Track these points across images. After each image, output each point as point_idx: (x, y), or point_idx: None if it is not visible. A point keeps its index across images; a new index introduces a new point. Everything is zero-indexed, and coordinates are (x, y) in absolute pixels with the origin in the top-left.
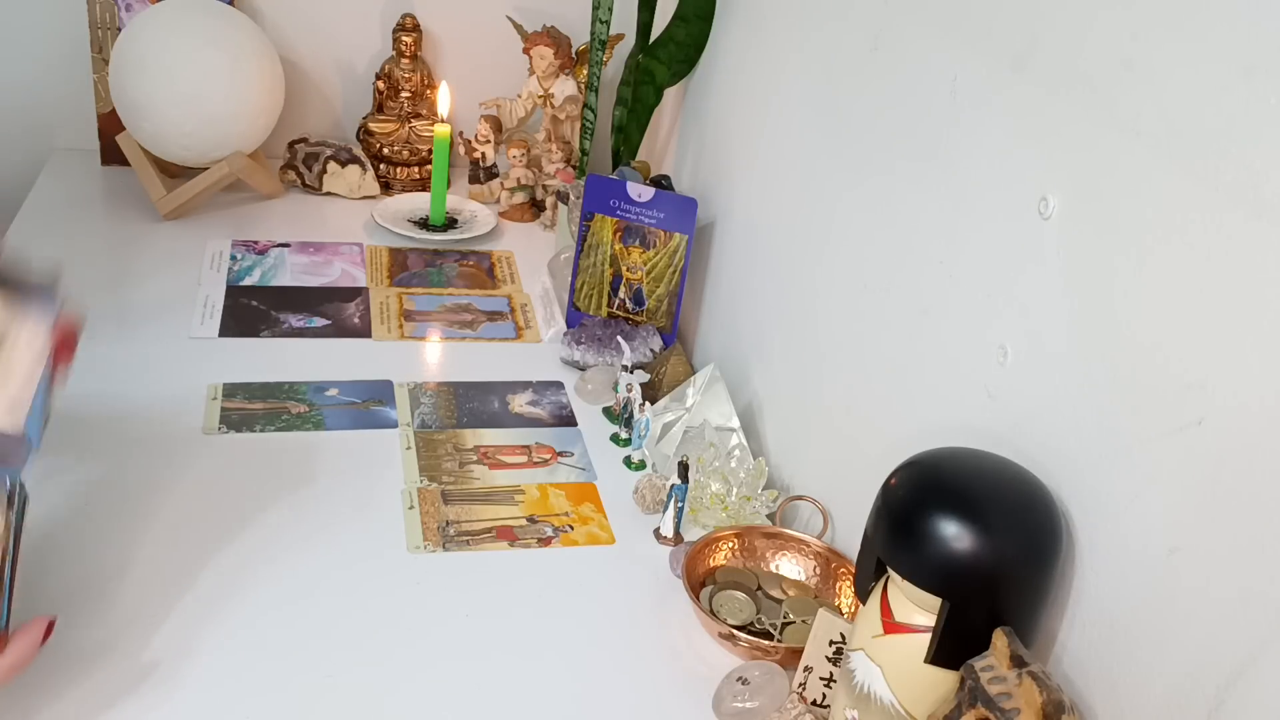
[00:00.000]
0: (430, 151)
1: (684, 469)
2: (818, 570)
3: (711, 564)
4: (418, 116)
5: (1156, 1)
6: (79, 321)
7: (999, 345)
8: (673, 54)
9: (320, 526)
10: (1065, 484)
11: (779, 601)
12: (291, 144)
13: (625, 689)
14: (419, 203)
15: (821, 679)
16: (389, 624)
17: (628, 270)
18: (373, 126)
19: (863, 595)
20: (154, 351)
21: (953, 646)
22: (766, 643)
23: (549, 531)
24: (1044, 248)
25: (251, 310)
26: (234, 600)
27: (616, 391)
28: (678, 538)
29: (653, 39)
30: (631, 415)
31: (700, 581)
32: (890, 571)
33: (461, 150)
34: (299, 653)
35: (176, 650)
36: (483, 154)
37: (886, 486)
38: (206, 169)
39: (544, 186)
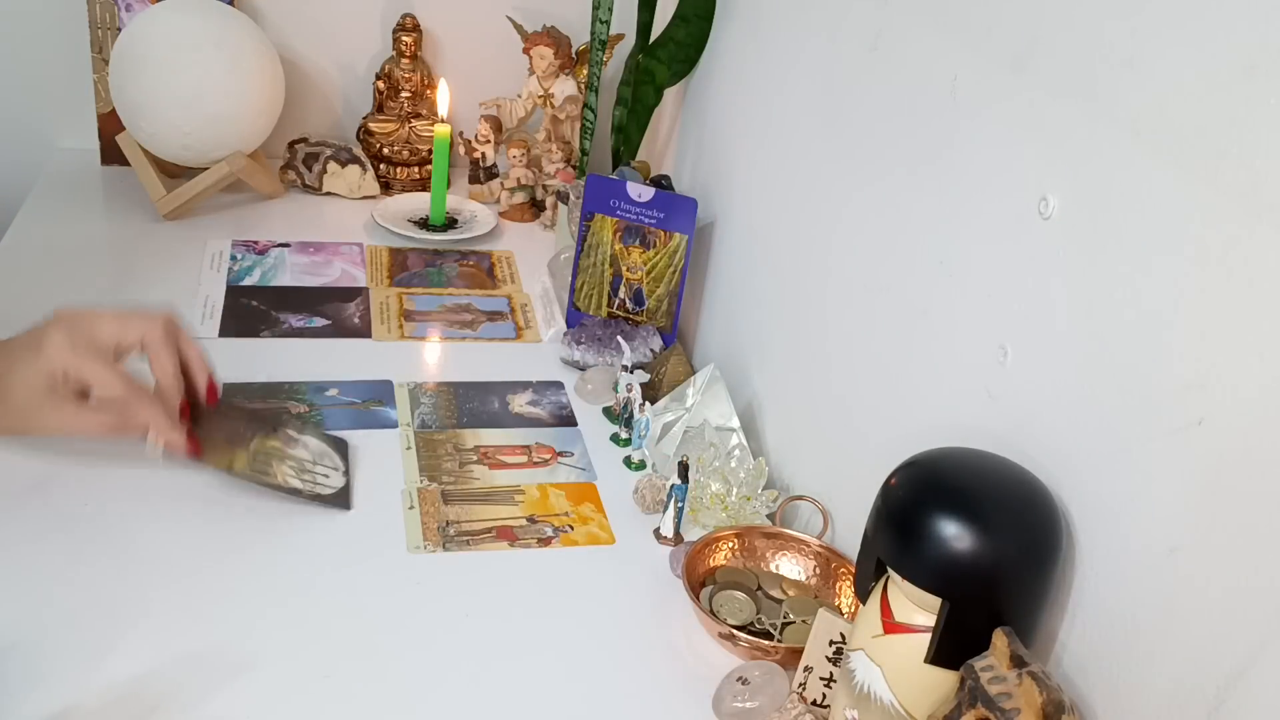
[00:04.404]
0: (430, 151)
1: (684, 469)
2: (818, 570)
3: (711, 564)
4: (418, 116)
5: (1157, 1)
6: None
7: (999, 345)
8: (673, 54)
9: (320, 526)
10: (1065, 484)
11: (779, 601)
12: (291, 144)
13: (625, 689)
14: (419, 203)
15: (821, 679)
16: (389, 624)
17: (628, 270)
18: (373, 126)
19: (863, 595)
20: None
21: (953, 646)
22: (766, 643)
23: (549, 531)
24: (1044, 248)
25: (251, 310)
26: (233, 599)
27: (616, 391)
28: (678, 538)
29: (653, 39)
30: (631, 415)
31: (700, 581)
32: (890, 571)
33: (461, 150)
34: (298, 652)
35: (174, 649)
36: (483, 154)
37: (886, 486)
38: (206, 169)
39: (544, 186)
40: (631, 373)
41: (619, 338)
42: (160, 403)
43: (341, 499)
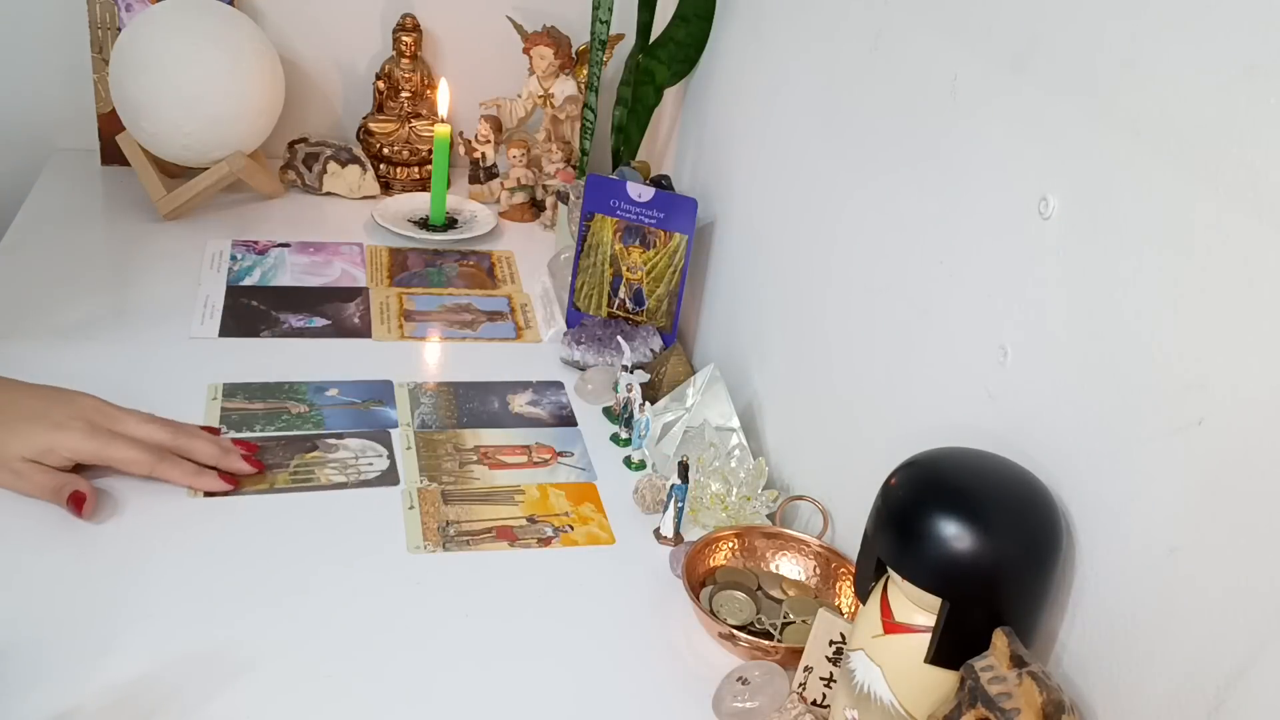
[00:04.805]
0: (430, 151)
1: (684, 469)
2: (818, 570)
3: (711, 564)
4: (418, 116)
5: (1157, 2)
6: None
7: (999, 345)
8: (673, 54)
9: (319, 526)
10: (1065, 484)
11: (779, 601)
12: (291, 144)
13: (625, 689)
14: (419, 203)
15: (821, 679)
16: (389, 624)
17: (628, 270)
18: (373, 126)
19: (863, 595)
20: (154, 351)
21: (953, 646)
22: (766, 643)
23: (549, 531)
24: (1044, 248)
25: (251, 310)
26: (233, 600)
27: (616, 391)
28: (678, 538)
29: (653, 39)
30: (631, 415)
31: (700, 581)
32: (890, 571)
33: (461, 150)
34: (298, 653)
35: (174, 650)
36: (483, 154)
37: (886, 486)
38: (206, 169)
39: (544, 186)
40: (631, 373)
41: (619, 338)
42: (180, 460)
43: (388, 479)
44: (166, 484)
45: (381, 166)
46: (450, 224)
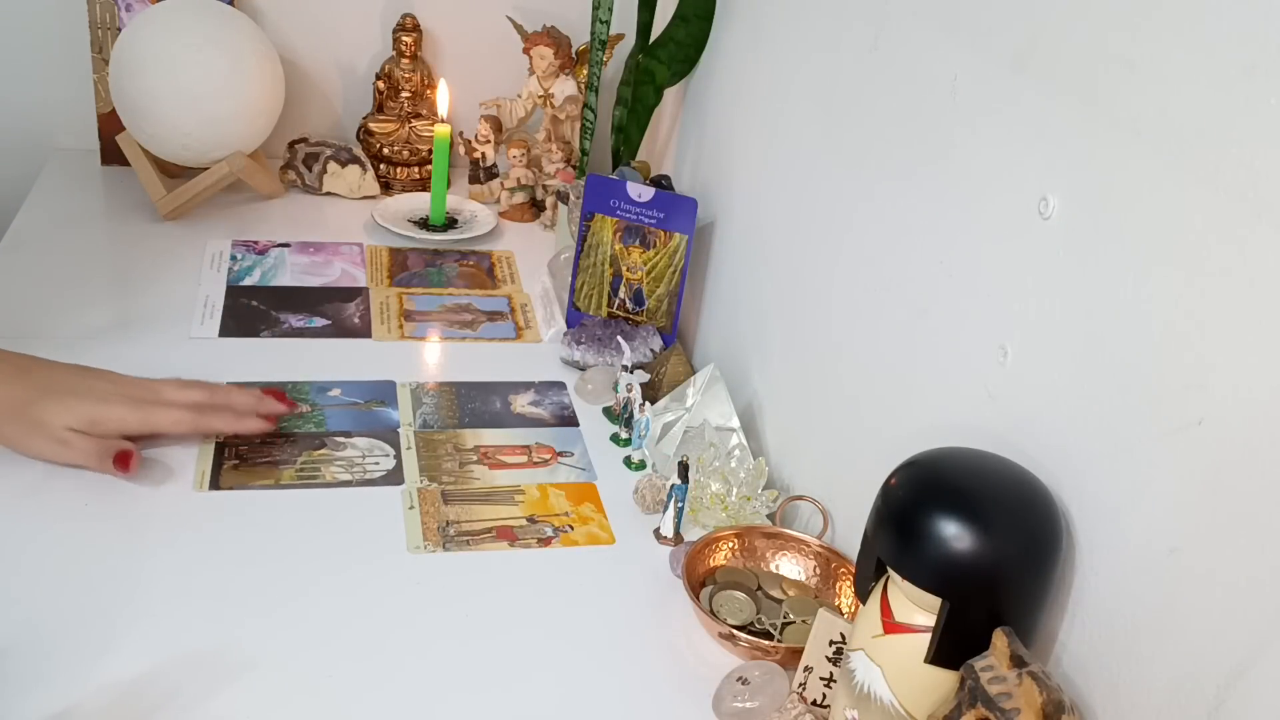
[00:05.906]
0: (430, 151)
1: (684, 469)
2: (818, 570)
3: (711, 564)
4: (418, 116)
5: (1157, 2)
6: None
7: (999, 345)
8: (673, 54)
9: (320, 525)
10: (1065, 484)
11: (779, 601)
12: (291, 144)
13: (625, 689)
14: (419, 203)
15: (821, 679)
16: (389, 624)
17: (628, 270)
18: (373, 126)
19: (863, 595)
20: (154, 352)
21: (953, 646)
22: (766, 643)
23: (549, 531)
24: (1044, 248)
25: (251, 310)
26: (233, 600)
27: (616, 391)
28: (678, 538)
29: (653, 39)
30: (631, 415)
31: (700, 581)
32: (890, 571)
33: (461, 150)
34: (299, 652)
35: (174, 649)
36: (483, 154)
37: (886, 486)
38: (206, 169)
39: (544, 186)
40: (631, 373)
41: (619, 338)
42: (220, 410)
43: (393, 478)
44: (210, 437)
45: (381, 166)
46: (450, 224)
